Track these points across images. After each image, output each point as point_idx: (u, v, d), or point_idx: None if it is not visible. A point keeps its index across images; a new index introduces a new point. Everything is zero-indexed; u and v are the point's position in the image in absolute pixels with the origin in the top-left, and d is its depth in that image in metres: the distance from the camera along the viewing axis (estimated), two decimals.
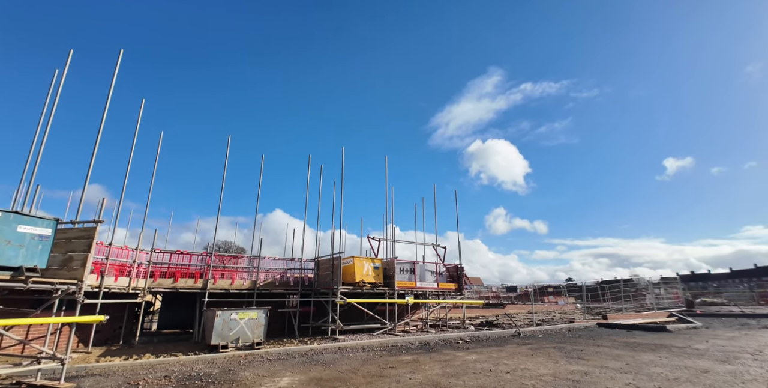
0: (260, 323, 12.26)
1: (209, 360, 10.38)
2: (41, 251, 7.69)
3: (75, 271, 8.38)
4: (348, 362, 10.34)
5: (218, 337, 11.45)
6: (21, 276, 7.27)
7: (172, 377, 8.58)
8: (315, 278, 16.86)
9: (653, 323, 18.81)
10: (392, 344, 13.13)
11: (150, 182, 13.65)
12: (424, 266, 17.65)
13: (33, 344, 8.06)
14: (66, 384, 7.74)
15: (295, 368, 9.45)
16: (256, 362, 10.28)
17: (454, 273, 18.83)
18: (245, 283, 15.29)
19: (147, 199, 13.77)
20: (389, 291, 16.01)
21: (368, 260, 16.07)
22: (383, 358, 10.88)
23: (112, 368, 9.29)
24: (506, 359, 10.46)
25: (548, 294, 45.56)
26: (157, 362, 9.94)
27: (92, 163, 9.29)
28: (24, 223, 7.44)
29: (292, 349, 11.60)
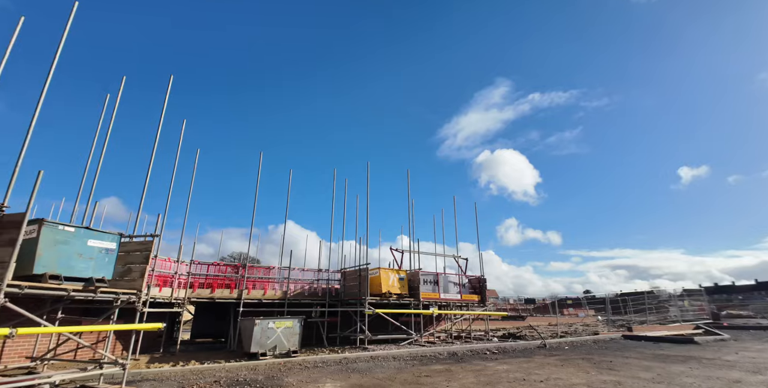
0: (295, 332, 12.75)
1: (251, 367, 10.89)
2: (107, 263, 8.40)
3: (134, 282, 9.07)
4: (382, 370, 10.72)
5: (257, 345, 11.97)
6: (91, 286, 7.97)
7: (221, 382, 9.11)
8: (341, 289, 17.34)
9: (680, 335, 18.66)
10: (421, 354, 13.45)
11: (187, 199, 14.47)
12: (447, 277, 17.99)
13: (98, 350, 8.68)
14: (130, 387, 8.33)
15: (334, 376, 9.88)
16: (295, 369, 10.74)
17: (477, 285, 19.09)
18: (277, 293, 15.85)
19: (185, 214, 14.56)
20: (414, 302, 16.37)
21: (393, 271, 16.51)
22: (415, 367, 11.23)
23: (164, 373, 9.87)
24: (537, 369, 10.70)
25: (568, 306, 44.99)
26: (204, 368, 10.49)
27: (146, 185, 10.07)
28: (93, 237, 8.18)
29: (327, 357, 12.03)
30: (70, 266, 7.58)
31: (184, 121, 13.57)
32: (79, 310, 11.96)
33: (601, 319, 33.62)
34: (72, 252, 7.67)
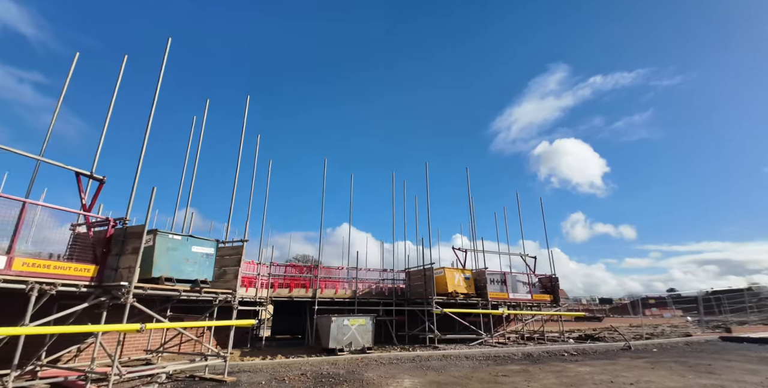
0: (368, 330, 13.29)
1: (331, 361, 11.57)
2: (208, 267, 9.48)
3: (229, 282, 10.11)
4: (457, 369, 10.82)
5: (334, 341, 12.66)
6: (197, 287, 9.05)
7: (307, 375, 9.82)
8: (407, 288, 17.66)
9: None
10: (494, 354, 13.30)
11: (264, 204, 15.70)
12: (515, 276, 17.54)
13: (205, 344, 9.79)
14: (229, 378, 9.29)
15: (410, 372, 10.18)
16: (372, 365, 11.22)
17: (548, 284, 18.37)
18: (347, 292, 16.59)
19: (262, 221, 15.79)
20: (482, 302, 16.20)
21: (458, 270, 16.48)
22: (491, 367, 11.17)
23: (256, 366, 10.85)
24: (624, 372, 10.14)
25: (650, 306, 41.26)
26: (290, 362, 11.35)
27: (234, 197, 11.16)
28: (196, 244, 9.28)
29: (401, 355, 12.39)
30: (180, 270, 8.70)
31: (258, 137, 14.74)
32: (180, 308, 13.52)
33: (691, 320, 30.48)
34: (180, 257, 8.79)
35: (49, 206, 7.18)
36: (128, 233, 8.05)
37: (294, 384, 8.85)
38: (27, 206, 6.73)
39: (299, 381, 9.12)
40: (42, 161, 8.60)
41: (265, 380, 9.25)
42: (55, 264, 6.88)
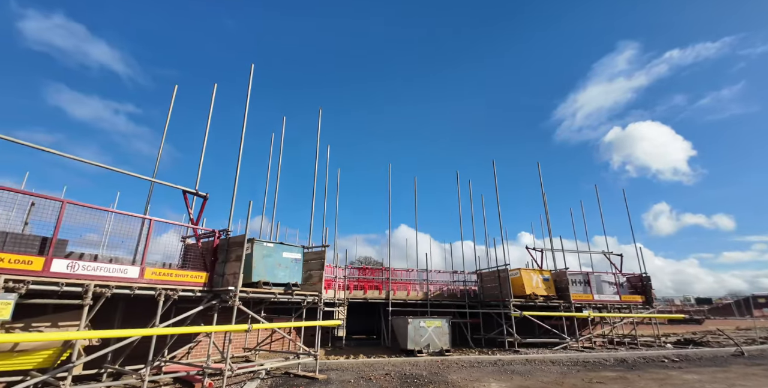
0: (445, 332, 13.31)
1: (412, 363, 11.79)
2: (297, 271, 10.20)
3: (315, 285, 10.78)
4: (543, 374, 10.43)
5: (412, 343, 12.87)
6: (289, 290, 9.79)
7: (391, 374, 10.11)
8: (479, 291, 17.36)
9: None
10: (583, 359, 12.59)
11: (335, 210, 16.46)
12: (600, 276, 16.42)
13: (298, 343, 10.52)
14: (321, 375, 9.90)
15: (495, 376, 10.03)
16: (453, 368, 11.23)
17: (638, 283, 16.93)
18: (418, 294, 16.76)
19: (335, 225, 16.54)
20: (564, 304, 15.39)
21: (535, 271, 15.84)
22: (581, 373, 10.61)
23: (342, 364, 11.42)
24: (739, 380, 9.07)
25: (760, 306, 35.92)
26: (373, 361, 11.77)
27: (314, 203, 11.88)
28: (286, 250, 10.04)
29: (481, 358, 12.23)
30: (274, 274, 9.48)
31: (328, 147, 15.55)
32: (269, 310, 14.65)
33: None
34: (273, 263, 9.58)
35: (169, 221, 8.27)
36: (231, 242, 8.97)
37: (381, 383, 9.17)
38: (153, 222, 7.81)
39: (385, 381, 9.44)
40: (154, 182, 9.94)
41: (353, 378, 9.70)
42: (176, 272, 7.90)
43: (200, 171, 10.26)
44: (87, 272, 6.53)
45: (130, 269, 7.10)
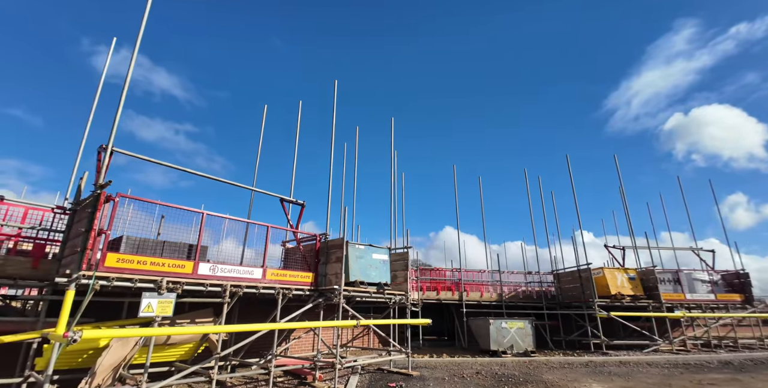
0: (528, 333, 13.18)
1: (499, 363, 11.83)
2: (385, 271, 10.72)
3: (401, 285, 11.23)
4: (644, 376, 10.04)
5: (495, 343, 12.89)
6: (381, 290, 10.32)
7: (482, 373, 10.25)
8: (557, 291, 16.91)
9: None
10: (682, 361, 11.91)
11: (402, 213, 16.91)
12: (691, 274, 15.36)
13: (392, 341, 10.99)
14: (414, 372, 10.28)
15: (592, 377, 9.82)
16: (543, 368, 11.12)
17: (734, 281, 15.61)
18: (492, 295, 16.69)
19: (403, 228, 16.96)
20: (653, 304, 14.59)
21: (620, 270, 15.17)
22: (685, 375, 10.08)
23: (430, 363, 11.74)
24: None
25: None
26: (459, 360, 11.97)
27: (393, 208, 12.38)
28: (375, 252, 10.59)
29: (571, 359, 11.99)
30: (367, 274, 10.05)
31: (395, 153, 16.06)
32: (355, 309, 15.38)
33: None
34: (366, 264, 10.16)
35: (277, 227, 9.10)
36: (329, 245, 9.67)
37: (476, 381, 9.36)
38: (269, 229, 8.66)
39: (479, 379, 9.61)
40: (254, 191, 10.95)
41: (446, 376, 9.98)
42: (289, 273, 8.69)
43: (293, 182, 11.19)
44: (224, 273, 7.43)
45: (255, 271, 7.95)
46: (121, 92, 6.78)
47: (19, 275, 6.51)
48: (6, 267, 6.44)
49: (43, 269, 6.74)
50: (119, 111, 6.65)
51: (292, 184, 11.12)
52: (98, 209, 5.87)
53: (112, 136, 6.48)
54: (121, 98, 6.71)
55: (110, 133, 6.47)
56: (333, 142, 10.59)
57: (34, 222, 6.96)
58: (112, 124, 6.50)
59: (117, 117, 6.60)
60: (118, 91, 6.77)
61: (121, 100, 6.72)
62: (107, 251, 6.04)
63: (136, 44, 7.16)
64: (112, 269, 6.02)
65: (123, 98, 6.73)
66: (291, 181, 11.54)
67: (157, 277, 6.47)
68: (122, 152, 6.86)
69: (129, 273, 6.18)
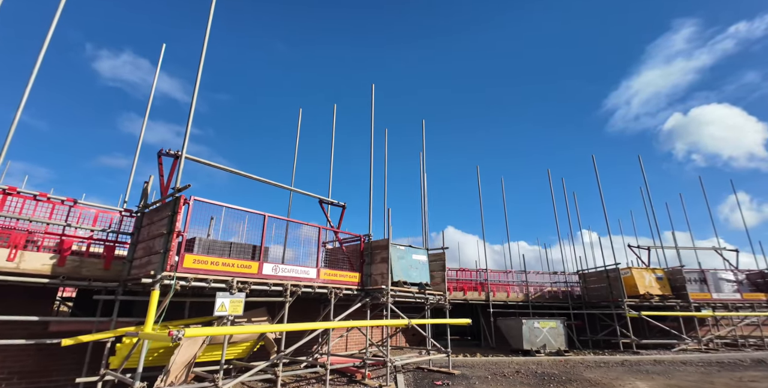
0: (560, 333, 13.33)
1: (535, 362, 11.99)
2: (424, 272, 10.90)
3: (439, 285, 11.41)
4: (683, 374, 10.19)
5: (528, 343, 13.05)
6: (422, 289, 10.50)
7: (522, 372, 10.41)
8: (582, 291, 17.06)
9: None
10: (715, 360, 12.05)
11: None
12: (717, 273, 15.50)
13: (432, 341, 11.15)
14: (455, 371, 10.46)
15: (633, 375, 9.97)
16: (579, 367, 11.28)
17: (759, 280, 15.74)
18: (519, 296, 16.85)
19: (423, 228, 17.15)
20: (681, 304, 14.73)
21: (648, 270, 15.32)
22: (723, 374, 10.22)
23: (467, 362, 11.91)
24: None
25: None
26: (495, 360, 12.14)
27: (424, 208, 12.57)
28: (414, 253, 10.78)
29: (605, 358, 12.14)
30: (409, 275, 10.24)
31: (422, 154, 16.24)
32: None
33: None
34: (407, 264, 10.35)
35: (336, 229, 9.31)
36: (373, 246, 9.87)
37: (519, 380, 9.53)
38: (320, 230, 8.87)
39: (521, 377, 9.78)
40: (293, 191, 11.16)
41: (488, 375, 10.15)
42: (339, 273, 8.89)
43: (330, 184, 11.43)
44: (285, 273, 7.63)
45: (310, 271, 8.16)
46: (189, 110, 7.01)
47: (92, 277, 6.73)
48: (81, 269, 6.66)
49: (114, 271, 6.96)
50: (189, 125, 6.87)
51: (329, 186, 11.36)
52: (178, 212, 6.09)
53: (185, 145, 6.70)
54: (190, 115, 6.93)
55: (183, 142, 6.70)
56: (372, 145, 10.82)
57: (104, 225, 7.19)
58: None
59: (187, 130, 6.82)
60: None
61: (190, 117, 6.93)
62: (185, 253, 6.25)
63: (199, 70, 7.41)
64: (190, 269, 6.23)
65: (191, 115, 6.95)
66: (328, 183, 11.76)
67: (228, 277, 6.68)
68: (192, 158, 7.09)
69: (204, 274, 6.40)
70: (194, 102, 7.07)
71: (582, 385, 8.94)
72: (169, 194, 6.50)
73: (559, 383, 9.11)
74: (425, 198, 12.76)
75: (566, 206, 19.39)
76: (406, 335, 16.67)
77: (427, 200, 13.33)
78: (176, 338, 4.59)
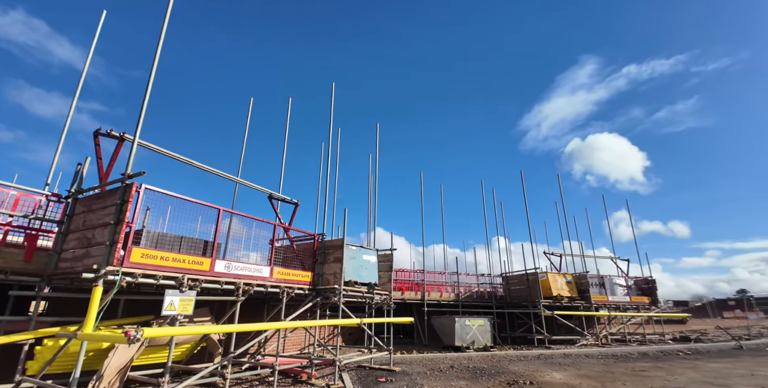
0: (487, 330, 14.50)
1: (465, 357, 12.88)
2: (374, 272, 11.12)
3: (385, 285, 11.71)
4: (588, 366, 11.75)
5: (459, 339, 13.98)
6: (371, 289, 10.69)
7: (456, 367, 11.15)
8: (505, 293, 18.68)
9: None
10: (611, 353, 14.08)
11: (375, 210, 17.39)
12: (612, 279, 18.12)
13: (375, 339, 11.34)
14: (396, 367, 10.82)
15: (549, 368, 11.25)
16: (504, 361, 12.40)
17: (644, 286, 18.75)
18: (450, 296, 17.90)
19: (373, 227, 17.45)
20: (585, 304, 16.94)
21: (560, 275, 17.33)
22: (619, 364, 12.00)
23: (406, 359, 12.37)
24: (759, 368, 10.70)
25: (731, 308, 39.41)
26: (431, 356, 12.78)
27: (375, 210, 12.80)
28: (365, 253, 10.94)
29: (525, 353, 13.49)
30: (359, 275, 10.37)
31: (370, 156, 16.48)
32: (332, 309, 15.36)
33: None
34: (358, 264, 10.47)
35: (270, 222, 9.03)
36: (327, 245, 9.82)
37: (454, 374, 10.21)
38: (276, 227, 8.58)
39: (456, 372, 10.49)
40: (240, 183, 10.64)
41: (426, 370, 10.68)
42: (292, 272, 8.70)
43: (282, 179, 11.08)
44: (238, 271, 7.28)
45: (264, 269, 7.88)
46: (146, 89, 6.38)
47: (10, 269, 5.78)
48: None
49: (36, 263, 6.04)
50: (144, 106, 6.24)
51: (281, 181, 11.00)
52: (129, 201, 5.52)
53: (139, 126, 6.07)
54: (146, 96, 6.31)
55: (136, 126, 6.06)
56: (330, 143, 10.77)
57: (27, 210, 6.19)
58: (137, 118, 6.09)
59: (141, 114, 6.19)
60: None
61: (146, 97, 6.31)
62: (132, 246, 5.67)
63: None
64: (137, 264, 5.67)
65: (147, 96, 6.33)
66: (279, 180, 11.37)
67: (179, 274, 6.20)
68: (144, 144, 6.44)
69: (152, 269, 5.86)
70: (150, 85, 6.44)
71: (509, 377, 9.86)
72: (117, 179, 5.84)
73: (490, 376, 9.93)
74: (375, 200, 13.04)
75: (494, 214, 21.08)
76: (343, 334, 16.71)
77: (376, 202, 13.59)
78: (134, 339, 4.19)
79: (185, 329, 5.58)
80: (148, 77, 6.47)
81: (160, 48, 6.74)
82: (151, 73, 6.45)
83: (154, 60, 6.62)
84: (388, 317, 11.83)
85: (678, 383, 8.89)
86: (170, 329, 5.22)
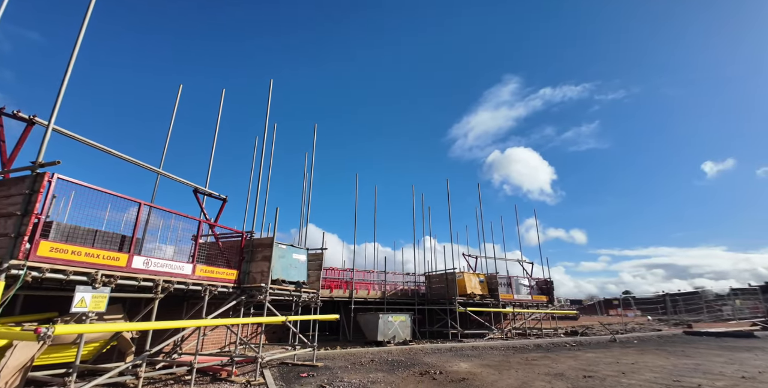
0: (408, 325, 15.47)
1: (386, 351, 13.65)
2: (303, 271, 11.37)
3: (313, 284, 12.00)
4: (491, 356, 13.22)
5: (382, 335, 14.75)
6: (299, 288, 10.92)
7: (376, 361, 11.86)
8: (427, 290, 19.97)
9: (739, 331, 20.23)
10: (512, 345, 15.88)
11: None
12: (518, 279, 20.32)
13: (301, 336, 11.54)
14: (318, 363, 11.18)
15: (458, 359, 12.47)
16: (420, 354, 13.41)
17: (544, 286, 21.31)
18: (377, 293, 18.67)
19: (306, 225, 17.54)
20: (494, 302, 18.80)
21: (474, 274, 19.01)
22: (516, 355, 13.66)
23: (328, 355, 12.76)
24: (622, 357, 12.95)
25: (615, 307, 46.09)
26: (353, 351, 13.32)
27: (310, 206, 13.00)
28: (295, 252, 11.15)
29: (439, 346, 14.67)
30: (288, 273, 10.55)
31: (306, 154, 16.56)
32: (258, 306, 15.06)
33: (651, 318, 34.82)
34: (287, 263, 10.64)
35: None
36: (255, 243, 9.85)
37: (374, 367, 10.89)
38: (201, 224, 8.44)
39: (375, 365, 11.18)
40: (162, 175, 10.21)
41: (348, 365, 11.22)
42: (216, 270, 8.64)
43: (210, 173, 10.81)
44: (157, 268, 7.11)
45: (185, 266, 7.76)
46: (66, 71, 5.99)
47: None
48: None
49: None
50: (63, 87, 5.89)
51: (208, 176, 10.72)
52: (39, 192, 5.22)
53: (55, 110, 5.71)
54: (67, 76, 5.96)
55: (52, 110, 5.70)
56: (265, 138, 10.79)
57: None
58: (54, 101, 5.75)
59: (60, 96, 5.84)
60: None
61: (64, 83, 5.96)
62: (39, 239, 5.35)
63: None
64: (46, 258, 5.36)
65: (67, 77, 5.98)
66: (207, 173, 11.05)
67: (92, 269, 5.95)
68: (59, 130, 6.04)
69: (62, 264, 5.57)
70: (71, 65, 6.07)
71: (422, 367, 10.77)
72: (26, 166, 5.46)
73: (405, 367, 10.76)
74: (309, 198, 13.25)
75: (422, 217, 22.39)
76: (267, 332, 16.58)
77: (310, 201, 13.79)
78: (45, 337, 4.09)
79: (100, 326, 5.42)
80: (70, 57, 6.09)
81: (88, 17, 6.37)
82: (75, 50, 6.08)
83: (79, 34, 6.24)
84: (314, 314, 12.14)
85: (558, 369, 10.48)
86: (84, 327, 5.06)
